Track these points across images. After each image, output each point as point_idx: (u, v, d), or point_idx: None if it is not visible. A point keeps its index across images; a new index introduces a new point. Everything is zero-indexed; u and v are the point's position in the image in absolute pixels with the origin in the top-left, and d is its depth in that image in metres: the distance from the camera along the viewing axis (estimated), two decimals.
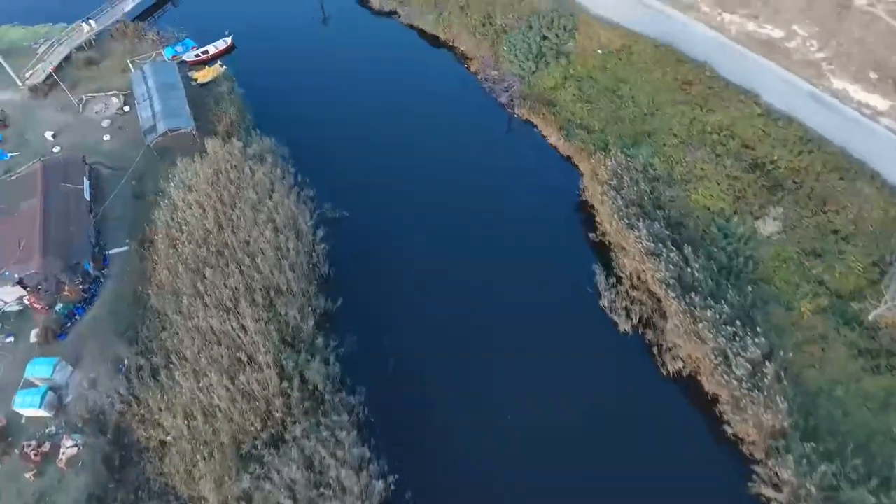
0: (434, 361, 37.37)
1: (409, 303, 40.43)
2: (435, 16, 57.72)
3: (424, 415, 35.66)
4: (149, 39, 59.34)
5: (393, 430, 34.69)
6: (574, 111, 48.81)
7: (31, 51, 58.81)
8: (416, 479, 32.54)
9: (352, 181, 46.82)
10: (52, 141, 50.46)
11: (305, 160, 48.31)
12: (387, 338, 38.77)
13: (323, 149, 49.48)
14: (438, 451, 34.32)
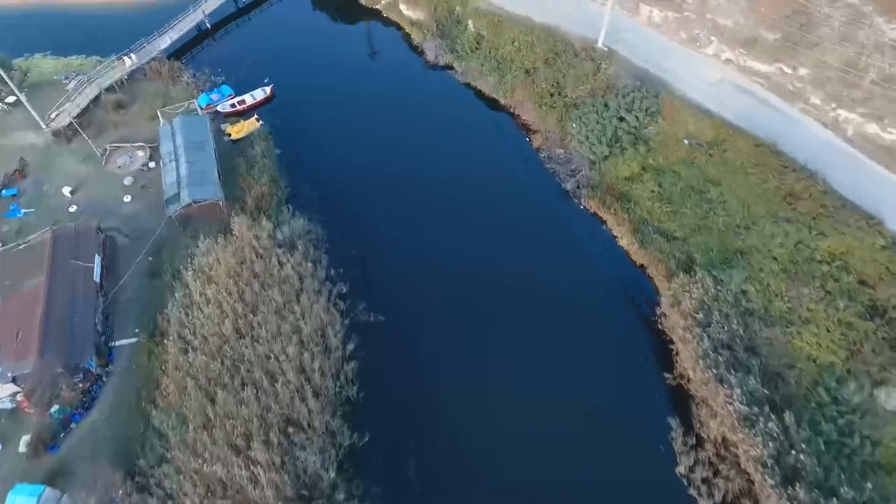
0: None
1: (449, 439, 34.44)
2: (496, 78, 51.68)
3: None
4: (183, 82, 54.97)
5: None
6: (651, 211, 42.37)
7: (60, 85, 55.64)
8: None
9: (392, 271, 41.32)
10: (69, 198, 46.38)
11: (341, 242, 43.02)
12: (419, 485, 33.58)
13: (361, 227, 44.15)
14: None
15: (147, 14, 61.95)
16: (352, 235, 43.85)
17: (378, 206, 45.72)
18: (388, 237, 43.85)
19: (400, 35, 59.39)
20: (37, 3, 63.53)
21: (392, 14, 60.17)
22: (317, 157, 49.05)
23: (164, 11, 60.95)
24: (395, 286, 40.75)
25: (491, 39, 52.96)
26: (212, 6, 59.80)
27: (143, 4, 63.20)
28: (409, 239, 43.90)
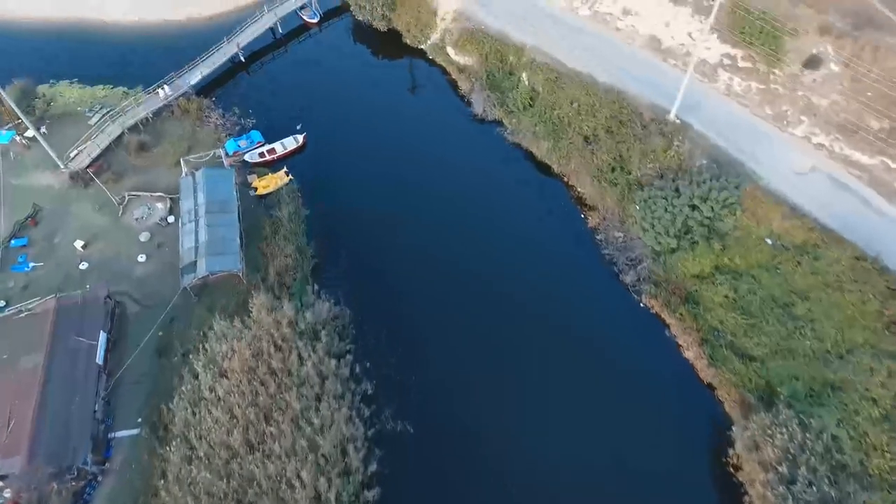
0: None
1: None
2: (551, 143, 46.61)
3: None
4: (212, 123, 51.16)
5: None
6: (724, 320, 36.90)
7: (83, 118, 52.48)
8: None
9: (427, 367, 36.76)
10: (80, 253, 42.97)
11: (371, 325, 38.69)
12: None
13: (395, 308, 39.68)
14: None
15: (182, 38, 58.66)
16: (383, 318, 39.36)
17: (414, 283, 41.19)
18: (425, 322, 39.29)
19: (446, 81, 54.57)
20: (69, 21, 60.71)
21: (438, 57, 55.46)
22: (349, 219, 44.55)
23: (200, 37, 58.30)
24: (431, 387, 36.21)
25: (547, 97, 47.98)
26: (246, 39, 55.92)
27: (180, 27, 59.75)
28: (447, 326, 39.16)
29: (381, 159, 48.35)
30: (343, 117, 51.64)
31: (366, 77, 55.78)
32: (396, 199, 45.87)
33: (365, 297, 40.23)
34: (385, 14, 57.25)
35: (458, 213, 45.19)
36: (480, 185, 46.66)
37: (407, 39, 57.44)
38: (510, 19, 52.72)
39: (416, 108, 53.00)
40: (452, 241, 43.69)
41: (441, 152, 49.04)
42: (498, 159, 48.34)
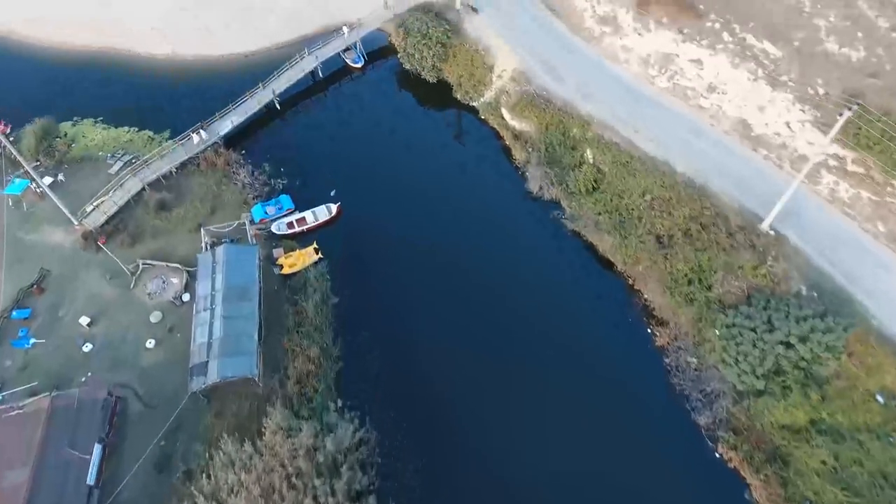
0: None
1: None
2: (617, 238, 40.56)
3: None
4: (239, 181, 46.61)
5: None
6: (821, 493, 30.24)
7: (104, 165, 48.72)
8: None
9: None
10: (85, 331, 38.91)
11: (402, 451, 33.59)
12: None
13: (431, 430, 34.45)
14: None
15: (216, 76, 54.14)
16: (417, 443, 34.23)
17: (455, 396, 35.86)
18: (469, 454, 33.80)
19: (498, 146, 48.95)
20: (99, 51, 56.61)
21: (491, 118, 49.99)
22: (382, 310, 39.40)
23: (235, 76, 53.46)
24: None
25: (614, 182, 42.26)
26: (283, 85, 51.10)
27: (214, 64, 55.06)
28: (496, 458, 33.73)
29: (422, 238, 43.07)
30: (383, 182, 46.56)
31: (411, 133, 50.46)
32: (436, 289, 40.60)
33: (397, 414, 35.18)
34: (436, 65, 52.10)
35: (505, 310, 39.51)
36: (532, 279, 40.95)
37: (458, 94, 52.10)
38: (576, 85, 46.96)
39: (465, 175, 47.32)
40: (498, 346, 38.24)
41: (490, 233, 43.45)
42: (553, 248, 42.71)
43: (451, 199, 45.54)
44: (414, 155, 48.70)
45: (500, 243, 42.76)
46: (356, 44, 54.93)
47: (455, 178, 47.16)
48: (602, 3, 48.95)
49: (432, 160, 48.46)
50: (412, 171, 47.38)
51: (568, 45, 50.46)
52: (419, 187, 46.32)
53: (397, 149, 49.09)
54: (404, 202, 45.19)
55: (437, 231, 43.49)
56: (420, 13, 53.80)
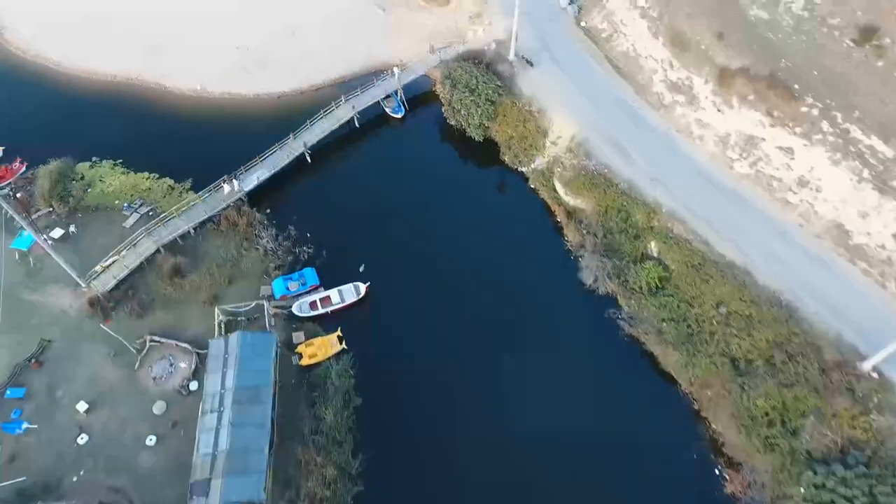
0: None
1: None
2: (682, 354, 35.00)
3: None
4: (261, 245, 42.52)
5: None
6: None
7: (119, 216, 45.10)
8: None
9: None
10: (82, 419, 34.78)
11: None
12: None
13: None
14: None
15: (245, 119, 50.15)
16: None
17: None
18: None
19: (549, 223, 43.64)
20: (127, 82, 53.22)
21: (542, 189, 44.75)
22: (412, 416, 34.57)
23: (265, 120, 49.69)
24: None
25: (682, 285, 36.92)
26: (316, 136, 46.84)
27: (244, 105, 51.31)
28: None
29: (461, 330, 37.99)
30: (418, 257, 41.62)
31: (452, 199, 45.15)
32: (475, 395, 35.62)
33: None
34: (483, 123, 47.34)
35: (551, 426, 34.13)
36: (583, 390, 35.53)
37: (505, 157, 47.09)
38: (642, 163, 41.67)
39: (510, 255, 41.75)
40: (542, 471, 33.52)
41: (536, 330, 38.13)
42: (606, 353, 37.26)
43: (494, 285, 40.27)
44: (454, 226, 43.64)
45: (547, 343, 37.52)
46: (397, 92, 50.68)
47: (499, 258, 41.74)
48: (676, 67, 43.57)
49: (474, 234, 43.20)
50: (451, 247, 42.40)
51: (633, 113, 45.16)
52: (458, 266, 41.29)
53: (436, 217, 44.14)
54: (441, 284, 40.33)
55: (478, 323, 38.45)
56: (469, 64, 49.02)
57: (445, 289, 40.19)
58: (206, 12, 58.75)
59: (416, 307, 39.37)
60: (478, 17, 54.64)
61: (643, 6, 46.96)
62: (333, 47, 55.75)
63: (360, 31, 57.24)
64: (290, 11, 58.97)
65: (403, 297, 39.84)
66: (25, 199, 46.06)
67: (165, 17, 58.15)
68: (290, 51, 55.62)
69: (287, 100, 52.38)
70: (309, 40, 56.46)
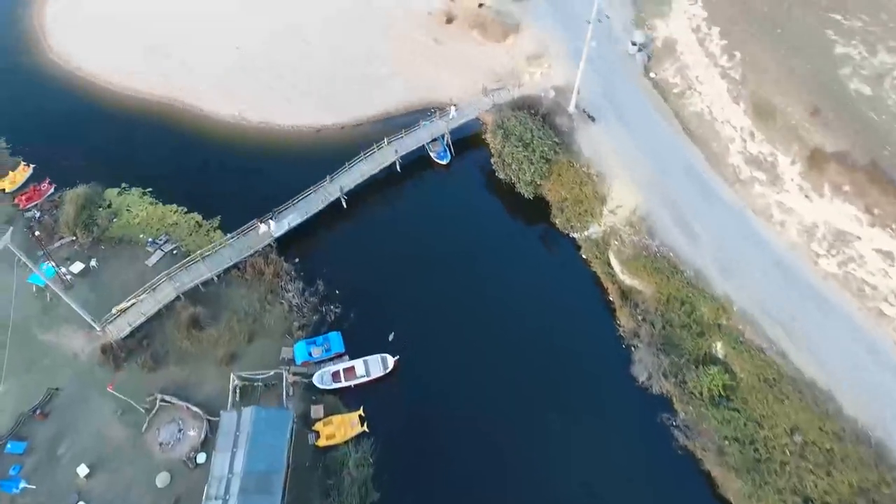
0: None
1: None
2: (748, 484, 29.95)
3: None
4: (286, 300, 39.52)
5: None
6: None
7: (143, 251, 42.94)
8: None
9: None
10: (81, 484, 32.04)
11: None
12: None
13: None
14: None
15: (281, 152, 47.51)
16: None
17: None
18: None
19: (600, 301, 39.29)
20: (163, 102, 51.15)
21: (595, 261, 40.42)
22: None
23: (302, 155, 47.08)
24: None
25: (751, 401, 32.02)
26: (354, 181, 43.76)
27: (282, 137, 48.48)
28: None
29: (496, 419, 34.11)
30: (453, 327, 37.96)
31: (495, 260, 41.50)
32: (507, 499, 32.29)
33: None
34: (534, 181, 43.84)
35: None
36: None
37: (556, 219, 43.06)
38: (711, 248, 37.20)
39: (555, 332, 37.73)
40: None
41: (582, 427, 33.90)
42: (658, 467, 32.69)
43: (536, 368, 36.27)
44: (495, 294, 39.74)
45: (591, 445, 33.25)
46: (444, 136, 47.16)
47: (543, 335, 37.76)
48: (758, 140, 39.07)
49: (517, 304, 39.30)
50: (490, 318, 38.54)
51: (704, 184, 40.77)
52: (497, 342, 37.39)
53: (476, 281, 40.32)
54: (477, 361, 36.47)
55: (516, 414, 34.44)
56: (523, 114, 45.27)
57: (482, 367, 36.38)
58: (252, 33, 56.47)
59: (447, 388, 35.66)
60: (536, 60, 50.92)
61: (724, 65, 42.53)
62: (380, 79, 52.74)
63: (411, 63, 54.06)
64: (337, 38, 56.28)
65: (435, 374, 36.16)
66: (50, 224, 44.69)
67: (214, 42, 55.96)
68: (334, 81, 52.78)
69: (326, 134, 49.51)
70: (356, 69, 53.64)
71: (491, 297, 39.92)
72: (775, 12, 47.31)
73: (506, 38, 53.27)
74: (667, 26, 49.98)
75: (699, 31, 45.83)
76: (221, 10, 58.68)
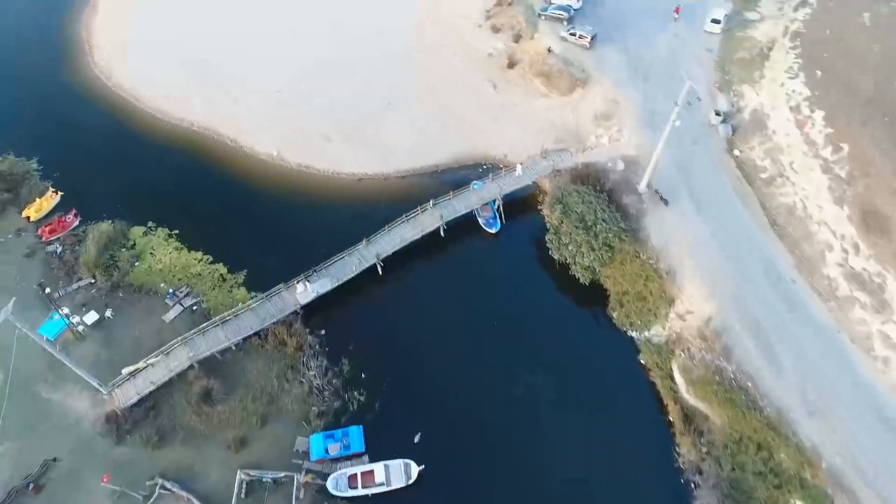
0: None
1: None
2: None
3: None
4: (307, 379, 35.63)
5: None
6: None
7: (161, 304, 40.00)
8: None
9: None
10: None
11: None
12: None
13: None
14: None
15: (317, 199, 44.04)
16: None
17: None
18: None
19: (658, 418, 33.92)
20: (202, 133, 48.45)
21: (656, 371, 35.07)
22: None
23: (340, 203, 43.58)
24: None
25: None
26: (393, 247, 39.58)
27: (319, 182, 45.04)
28: None
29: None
30: (489, 430, 33.52)
31: (543, 353, 36.60)
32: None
33: None
34: (592, 266, 39.34)
35: None
36: None
37: (613, 312, 38.00)
38: (797, 382, 31.63)
39: (604, 449, 32.62)
40: None
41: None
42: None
43: (580, 493, 31.45)
44: (541, 394, 35.03)
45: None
46: (495, 200, 42.98)
47: (590, 451, 32.72)
48: (863, 254, 33.38)
49: (563, 411, 34.40)
50: (533, 424, 33.84)
51: (792, 296, 35.01)
52: (539, 454, 32.72)
53: (520, 378, 35.64)
54: (516, 480, 32.03)
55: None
56: (587, 189, 40.37)
57: (520, 487, 32.10)
58: (300, 66, 52.93)
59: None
60: (605, 120, 45.89)
61: (827, 157, 36.88)
62: (429, 125, 48.48)
63: (463, 108, 49.62)
64: (389, 76, 52.23)
65: (465, 494, 31.80)
66: (70, 262, 42.25)
67: (260, 71, 52.75)
68: (380, 124, 48.81)
69: (368, 185, 45.58)
70: (403, 113, 49.48)
71: (536, 397, 35.22)
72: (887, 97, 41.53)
73: (572, 92, 48.36)
74: (757, 96, 44.37)
75: (799, 112, 40.22)
76: (273, 37, 55.53)
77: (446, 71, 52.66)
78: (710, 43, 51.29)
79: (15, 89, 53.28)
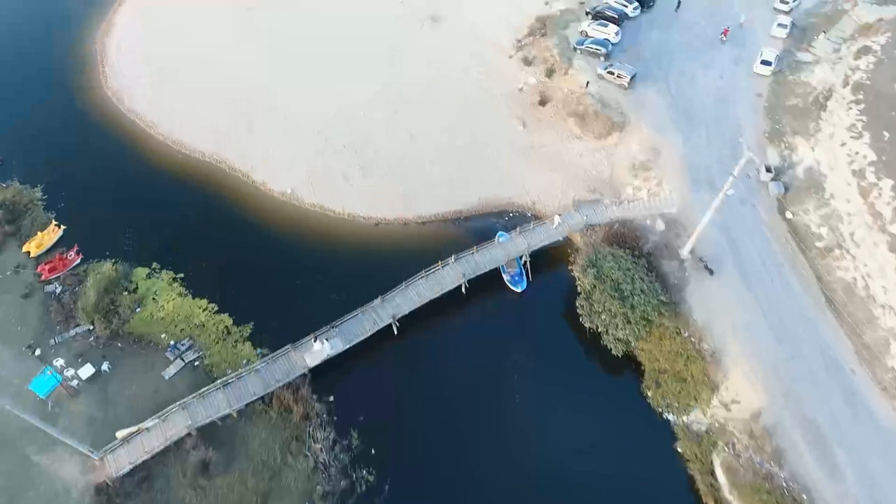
0: None
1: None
2: None
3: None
4: (313, 452, 32.61)
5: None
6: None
7: (162, 357, 37.77)
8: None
9: None
10: None
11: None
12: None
13: None
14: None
15: (334, 244, 41.23)
16: None
17: None
18: None
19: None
20: (214, 165, 45.95)
21: (694, 462, 31.44)
22: None
23: (356, 249, 40.79)
24: None
25: None
26: (410, 306, 36.65)
27: (336, 225, 42.30)
28: None
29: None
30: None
31: (569, 432, 33.30)
32: None
33: None
34: (627, 339, 35.86)
35: None
36: None
37: (648, 391, 34.59)
38: (858, 491, 27.96)
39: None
40: None
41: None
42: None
43: None
44: (566, 478, 31.72)
45: None
46: (522, 257, 40.11)
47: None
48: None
49: (592, 498, 31.33)
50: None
51: (852, 390, 31.32)
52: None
53: (546, 460, 32.44)
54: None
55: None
56: (624, 253, 36.85)
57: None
58: (320, 100, 50.19)
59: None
60: (644, 170, 42.48)
61: (895, 234, 33.50)
62: (452, 163, 45.45)
63: (489, 148, 46.45)
64: (411, 109, 48.99)
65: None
66: (68, 305, 39.89)
67: (276, 101, 50.01)
68: (401, 162, 45.86)
69: (385, 230, 42.68)
70: (426, 152, 46.41)
71: (565, 483, 31.87)
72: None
73: (608, 136, 44.99)
74: (812, 151, 40.67)
75: (863, 177, 36.56)
76: (292, 63, 52.68)
77: (472, 104, 49.50)
78: (759, 87, 48.01)
79: (22, 109, 50.87)
